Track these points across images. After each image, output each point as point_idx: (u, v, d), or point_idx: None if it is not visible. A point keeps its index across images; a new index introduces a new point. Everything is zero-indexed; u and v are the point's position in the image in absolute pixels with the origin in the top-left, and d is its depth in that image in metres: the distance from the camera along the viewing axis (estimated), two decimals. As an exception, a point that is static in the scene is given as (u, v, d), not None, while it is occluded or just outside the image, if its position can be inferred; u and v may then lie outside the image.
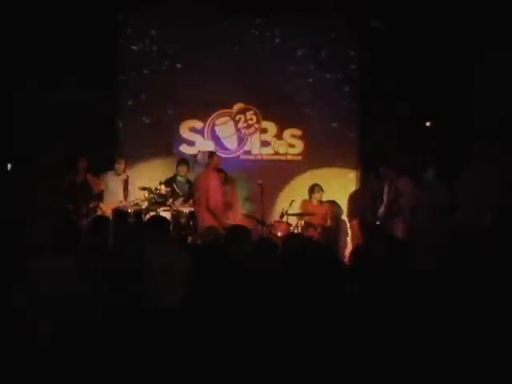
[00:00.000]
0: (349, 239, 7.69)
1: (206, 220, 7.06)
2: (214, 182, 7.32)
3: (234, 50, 8.84)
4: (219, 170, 7.87)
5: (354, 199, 8.17)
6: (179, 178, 7.90)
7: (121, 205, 7.39)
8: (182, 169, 7.93)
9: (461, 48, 8.19)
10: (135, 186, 7.77)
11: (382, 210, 7.69)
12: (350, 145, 9.03)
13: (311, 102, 8.98)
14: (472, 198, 7.45)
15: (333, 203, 8.43)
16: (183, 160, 8.10)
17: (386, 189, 7.83)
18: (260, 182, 7.63)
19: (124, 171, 7.82)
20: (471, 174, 7.65)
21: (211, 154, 7.67)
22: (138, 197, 7.48)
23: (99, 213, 7.41)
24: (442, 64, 8.36)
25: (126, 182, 7.75)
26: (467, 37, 8.03)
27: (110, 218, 6.37)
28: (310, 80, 8.99)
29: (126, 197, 7.67)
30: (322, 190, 8.23)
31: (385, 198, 7.82)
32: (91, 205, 7.26)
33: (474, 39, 7.99)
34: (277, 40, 8.92)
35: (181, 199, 7.59)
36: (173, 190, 7.54)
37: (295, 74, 8.93)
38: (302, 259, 3.86)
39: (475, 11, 7.70)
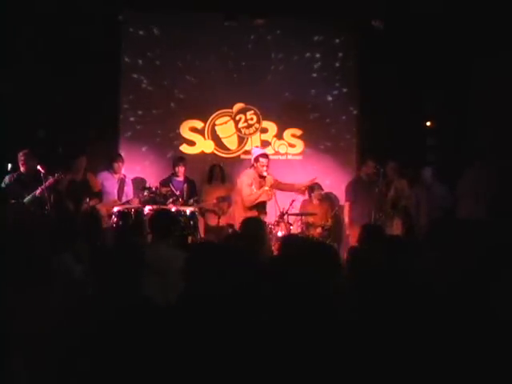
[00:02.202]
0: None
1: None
2: (244, 180, 6.97)
3: (235, 51, 8.86)
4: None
5: (349, 184, 8.04)
6: (176, 178, 7.88)
7: (116, 204, 7.39)
8: (180, 168, 7.91)
9: (461, 47, 8.21)
10: (134, 185, 7.81)
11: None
12: (349, 143, 9.06)
13: (311, 102, 8.99)
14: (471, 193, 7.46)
15: (333, 202, 8.43)
16: (180, 159, 8.08)
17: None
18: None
19: (121, 170, 7.81)
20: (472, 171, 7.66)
21: (257, 158, 7.03)
22: (132, 197, 7.51)
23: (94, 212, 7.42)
24: (443, 63, 8.37)
25: (122, 182, 7.74)
26: (468, 35, 8.04)
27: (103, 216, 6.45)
28: (310, 80, 9.00)
29: (120, 197, 7.67)
30: (322, 189, 8.23)
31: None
32: (91, 203, 7.25)
33: (476, 38, 8.00)
34: (276, 40, 8.94)
35: (179, 201, 7.48)
36: (170, 191, 7.51)
37: (295, 73, 8.94)
38: (301, 259, 3.85)
39: (476, 10, 7.71)
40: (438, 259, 3.65)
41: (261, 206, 7.03)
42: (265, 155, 7.12)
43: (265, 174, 6.99)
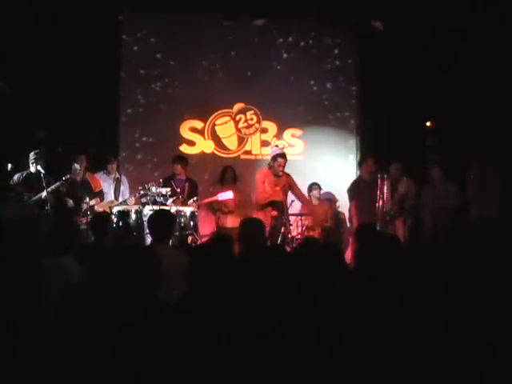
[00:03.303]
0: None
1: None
2: (257, 178, 7.00)
3: (234, 51, 8.87)
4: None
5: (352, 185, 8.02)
6: (178, 176, 7.90)
7: (113, 204, 7.39)
8: (179, 167, 7.92)
9: (461, 46, 8.20)
10: (132, 185, 7.82)
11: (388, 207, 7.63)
12: (349, 143, 9.06)
13: (311, 102, 8.99)
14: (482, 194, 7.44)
15: (333, 202, 8.43)
16: (180, 158, 8.08)
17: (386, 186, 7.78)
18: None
19: (116, 170, 7.81)
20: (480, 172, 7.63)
21: (275, 157, 7.04)
22: (129, 196, 7.51)
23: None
24: (443, 62, 8.36)
25: (117, 182, 7.75)
26: (468, 35, 8.03)
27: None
28: (310, 80, 9.00)
29: (117, 197, 7.67)
30: (320, 188, 8.26)
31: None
32: (91, 203, 7.24)
33: (475, 37, 7.99)
34: (276, 40, 8.95)
35: (179, 199, 7.51)
36: (172, 189, 7.51)
37: (295, 73, 8.94)
38: (303, 257, 3.85)
39: (475, 9, 7.71)
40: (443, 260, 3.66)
41: (275, 205, 7.01)
42: (283, 155, 7.12)
43: (279, 173, 6.97)
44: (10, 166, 7.36)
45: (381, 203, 7.54)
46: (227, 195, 7.61)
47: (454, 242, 3.87)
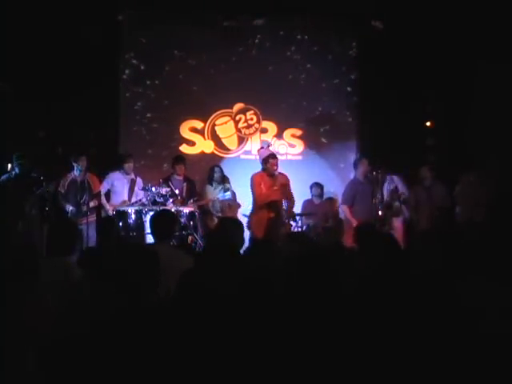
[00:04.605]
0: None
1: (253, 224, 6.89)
2: (254, 180, 6.97)
3: (234, 51, 8.86)
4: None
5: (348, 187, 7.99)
6: (176, 177, 7.89)
7: (124, 205, 7.37)
8: (179, 167, 7.91)
9: (462, 46, 8.21)
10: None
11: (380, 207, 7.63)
12: (349, 143, 9.07)
13: (311, 102, 8.99)
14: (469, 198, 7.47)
15: (333, 201, 8.44)
16: (179, 157, 8.08)
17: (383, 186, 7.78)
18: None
19: (132, 171, 7.79)
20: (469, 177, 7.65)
21: (266, 159, 6.97)
22: (143, 197, 7.49)
23: (103, 212, 7.42)
24: (443, 63, 8.37)
25: (132, 182, 7.71)
26: (469, 35, 8.04)
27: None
28: (310, 80, 9.01)
29: (130, 197, 7.64)
30: (321, 188, 8.26)
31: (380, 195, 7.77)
32: (91, 204, 7.22)
33: (476, 37, 8.00)
34: (276, 40, 8.95)
35: (178, 199, 7.52)
36: (170, 189, 7.51)
37: (294, 73, 8.95)
38: (302, 258, 3.85)
39: (476, 10, 7.71)
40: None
41: (273, 206, 7.01)
42: (273, 155, 7.12)
43: (276, 172, 6.96)
44: (9, 166, 7.36)
45: (375, 202, 7.54)
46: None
47: (448, 241, 3.87)
